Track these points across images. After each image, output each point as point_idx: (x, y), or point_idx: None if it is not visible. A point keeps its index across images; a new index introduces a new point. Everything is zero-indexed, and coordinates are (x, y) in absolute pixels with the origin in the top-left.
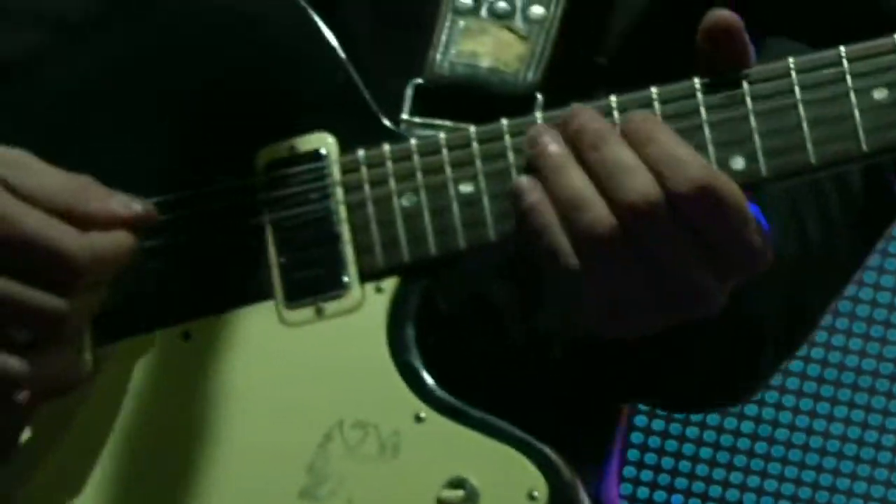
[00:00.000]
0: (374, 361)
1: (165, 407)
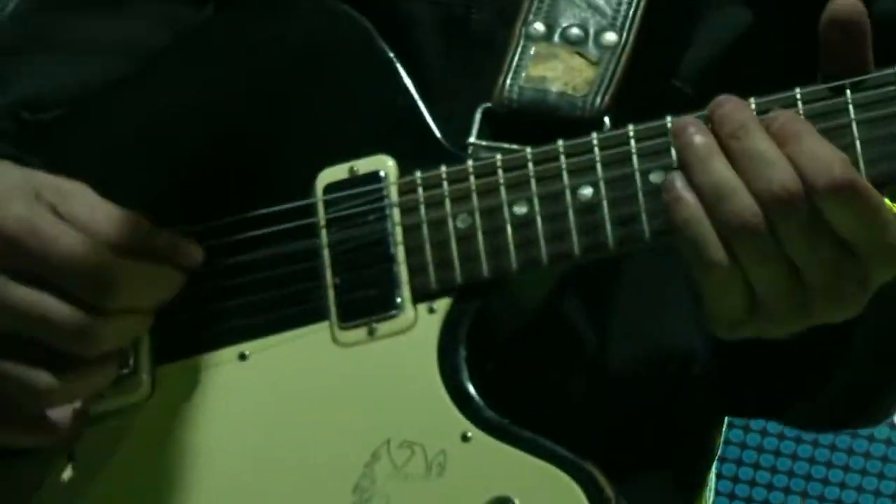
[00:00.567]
0: (423, 381)
1: (221, 426)
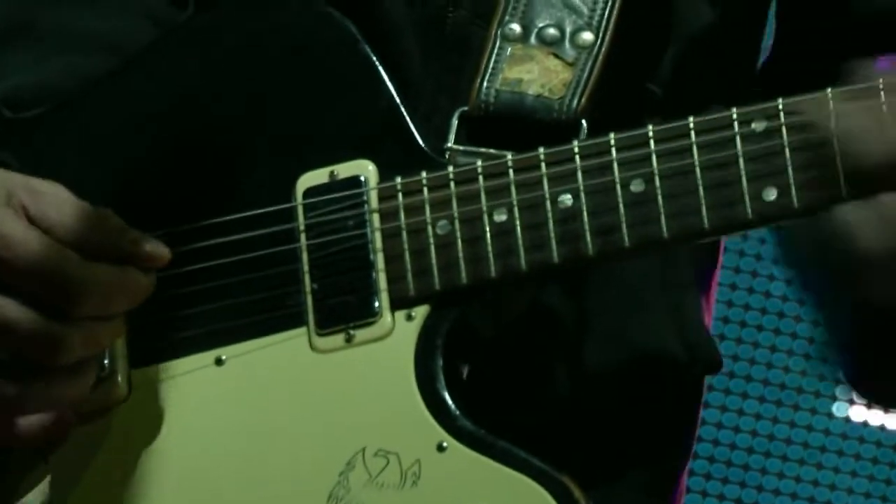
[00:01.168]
0: (399, 389)
1: (196, 431)
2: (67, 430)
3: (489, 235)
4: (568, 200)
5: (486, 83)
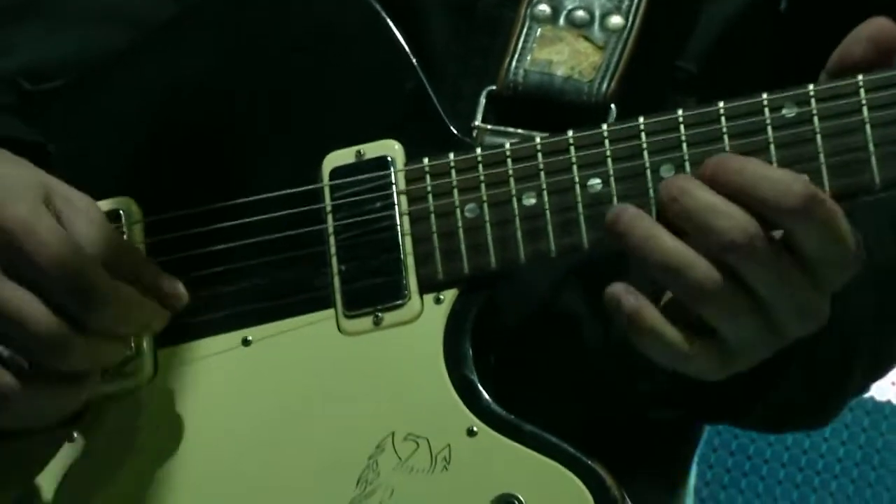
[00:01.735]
0: (429, 373)
1: (223, 412)
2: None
3: (518, 219)
4: (598, 185)
5: (515, 63)
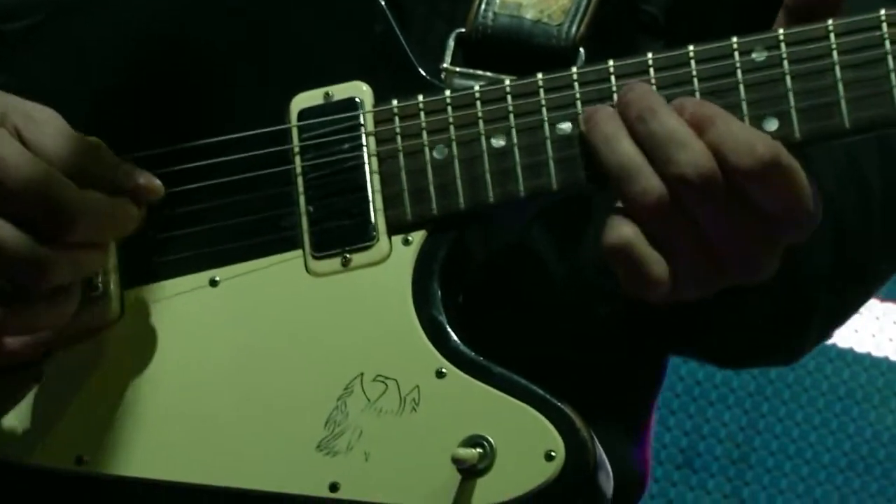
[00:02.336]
0: (397, 314)
1: (190, 351)
2: (41, 352)
3: (487, 160)
4: (567, 128)
5: (484, 5)
